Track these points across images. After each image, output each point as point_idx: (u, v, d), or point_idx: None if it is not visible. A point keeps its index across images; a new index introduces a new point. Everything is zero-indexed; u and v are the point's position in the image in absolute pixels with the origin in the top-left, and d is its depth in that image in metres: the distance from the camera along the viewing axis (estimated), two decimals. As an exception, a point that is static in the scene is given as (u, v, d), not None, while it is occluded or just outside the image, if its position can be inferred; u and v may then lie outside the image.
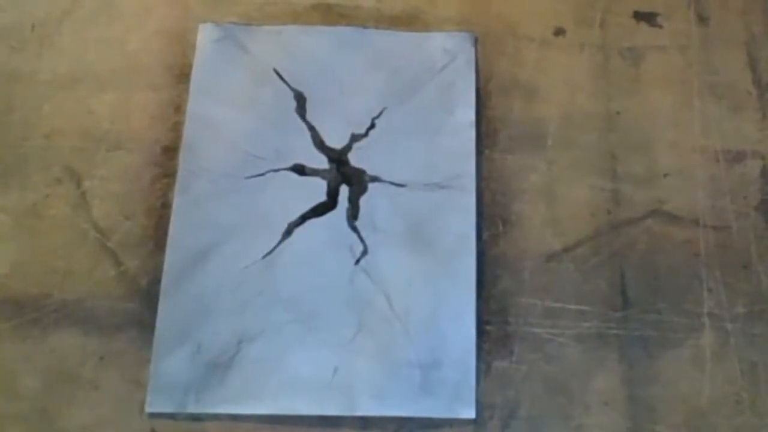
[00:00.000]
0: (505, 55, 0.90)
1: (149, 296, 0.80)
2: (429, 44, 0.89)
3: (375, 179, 0.84)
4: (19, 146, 0.86)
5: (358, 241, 0.81)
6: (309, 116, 0.86)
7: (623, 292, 0.81)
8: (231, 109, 0.86)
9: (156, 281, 0.80)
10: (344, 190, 0.84)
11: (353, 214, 0.83)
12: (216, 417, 0.76)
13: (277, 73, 0.88)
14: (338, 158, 0.85)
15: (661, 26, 0.92)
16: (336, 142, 0.85)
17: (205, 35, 0.89)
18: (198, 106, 0.86)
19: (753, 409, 0.77)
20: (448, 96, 0.86)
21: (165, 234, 0.81)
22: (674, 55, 0.90)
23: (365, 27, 0.90)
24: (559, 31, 0.91)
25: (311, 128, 0.86)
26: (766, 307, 0.81)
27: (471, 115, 0.86)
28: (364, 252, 0.81)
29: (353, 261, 0.81)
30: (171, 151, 0.86)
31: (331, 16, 0.91)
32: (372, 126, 0.86)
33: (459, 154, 0.84)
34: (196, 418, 0.76)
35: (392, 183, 0.83)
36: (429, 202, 0.83)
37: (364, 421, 0.77)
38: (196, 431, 0.76)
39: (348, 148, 0.85)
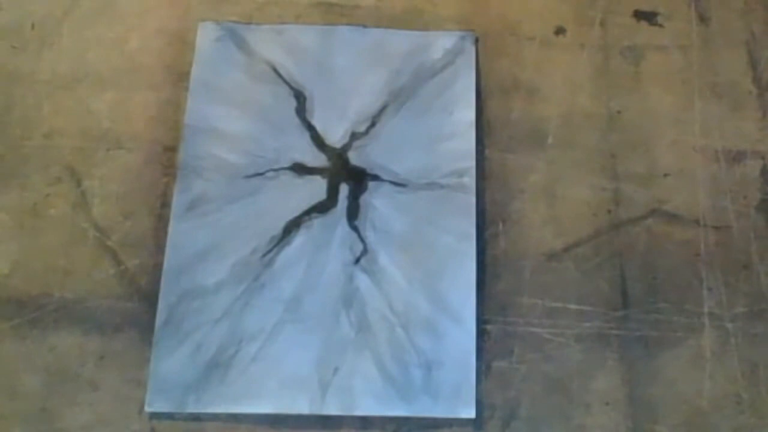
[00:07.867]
0: (505, 54, 0.90)
1: (149, 296, 0.80)
2: (429, 44, 0.88)
3: (375, 178, 0.84)
4: (19, 146, 0.86)
5: (358, 240, 0.81)
6: (309, 115, 0.86)
7: (623, 291, 0.81)
8: (231, 108, 0.86)
9: (156, 281, 0.80)
10: (344, 189, 0.84)
11: (353, 213, 0.83)
12: (216, 416, 0.76)
13: (277, 72, 0.88)
14: (338, 157, 0.85)
15: (661, 26, 0.92)
16: (336, 140, 0.85)
17: (205, 34, 0.89)
18: (198, 105, 0.86)
19: (753, 409, 0.77)
20: (448, 95, 0.86)
21: (165, 234, 0.81)
22: (675, 54, 0.90)
23: (365, 26, 0.90)
24: (559, 31, 0.91)
25: (311, 127, 0.86)
26: (766, 306, 0.80)
27: (471, 115, 0.85)
28: (364, 251, 0.81)
29: (353, 260, 0.81)
30: (171, 150, 0.86)
31: (332, 15, 0.91)
32: (372, 125, 0.86)
33: (459, 154, 0.84)
34: (196, 417, 0.76)
35: (392, 182, 0.83)
36: (429, 201, 0.83)
37: (364, 421, 0.77)
38: (195, 431, 0.76)
39: (348, 146, 0.85)
